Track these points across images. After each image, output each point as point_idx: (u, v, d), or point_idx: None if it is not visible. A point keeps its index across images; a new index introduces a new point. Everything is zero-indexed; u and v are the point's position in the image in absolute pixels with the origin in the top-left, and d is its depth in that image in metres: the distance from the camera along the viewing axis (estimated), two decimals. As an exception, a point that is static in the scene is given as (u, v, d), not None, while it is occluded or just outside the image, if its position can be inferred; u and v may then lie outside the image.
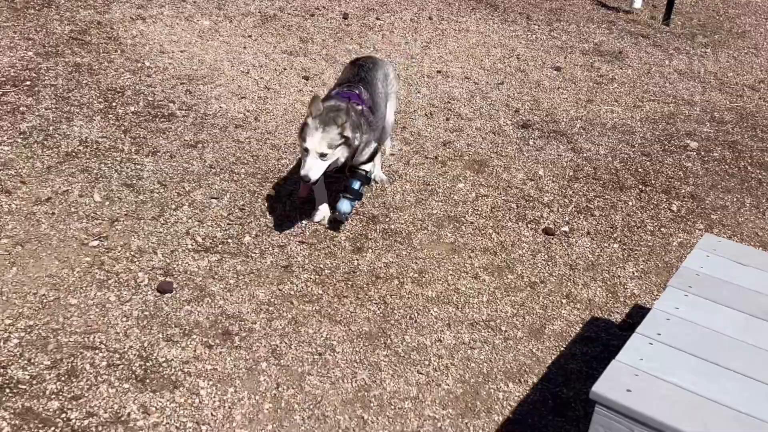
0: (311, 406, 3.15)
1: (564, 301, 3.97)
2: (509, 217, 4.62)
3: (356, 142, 4.05)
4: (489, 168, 5.14)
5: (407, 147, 5.30)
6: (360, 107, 4.16)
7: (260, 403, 3.14)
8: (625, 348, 2.55)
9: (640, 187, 5.11)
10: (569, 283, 4.10)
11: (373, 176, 4.67)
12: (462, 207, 4.67)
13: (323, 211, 4.42)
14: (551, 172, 5.18)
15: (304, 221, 4.35)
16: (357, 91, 4.27)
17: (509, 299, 3.94)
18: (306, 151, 3.91)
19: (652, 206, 4.90)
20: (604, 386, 2.36)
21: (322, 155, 3.89)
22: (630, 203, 4.90)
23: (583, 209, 4.79)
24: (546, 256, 4.30)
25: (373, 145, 4.32)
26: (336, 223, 4.36)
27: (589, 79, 6.86)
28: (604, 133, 5.83)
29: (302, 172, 3.91)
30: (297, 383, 3.26)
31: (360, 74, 4.47)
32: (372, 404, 3.21)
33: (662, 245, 4.51)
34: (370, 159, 4.37)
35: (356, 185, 4.24)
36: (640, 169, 5.33)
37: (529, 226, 4.56)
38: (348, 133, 3.94)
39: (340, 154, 3.98)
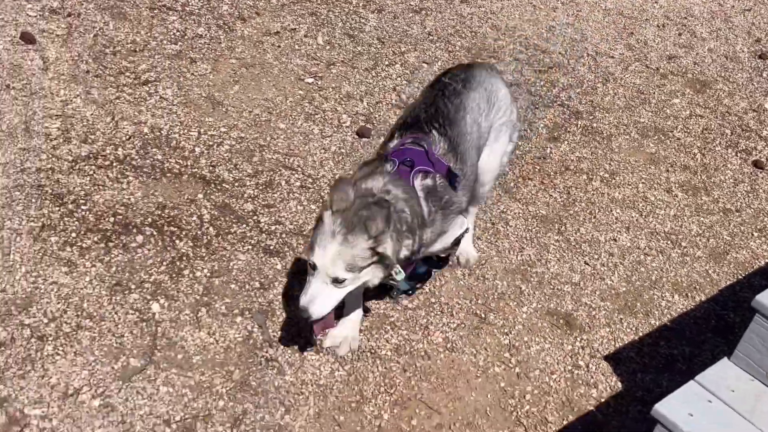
0: (474, 266, 3.28)
1: (756, 234, 3.79)
2: (720, 142, 4.40)
3: (403, 254, 2.53)
4: (711, 90, 4.88)
5: (629, 53, 5.12)
6: (428, 181, 2.60)
7: (428, 252, 3.31)
8: (804, 271, 2.45)
9: None
10: (766, 219, 3.90)
11: (456, 257, 3.20)
12: (672, 122, 4.50)
13: (345, 331, 2.78)
14: (779, 107, 4.84)
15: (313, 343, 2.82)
16: (424, 146, 2.64)
17: (697, 219, 3.82)
18: (312, 267, 2.43)
19: None
20: (770, 298, 2.30)
21: (337, 281, 2.42)
22: None
23: (803, 150, 4.47)
24: (748, 188, 4.09)
25: (459, 224, 2.80)
26: (390, 298, 3.03)
27: None
28: None
29: (302, 302, 2.43)
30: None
31: (437, 104, 2.77)
32: (532, 279, 3.29)
33: None
34: (453, 247, 2.90)
35: (422, 269, 3.03)
36: None
37: (739, 154, 4.33)
38: (386, 248, 2.41)
39: (371, 276, 2.48)
